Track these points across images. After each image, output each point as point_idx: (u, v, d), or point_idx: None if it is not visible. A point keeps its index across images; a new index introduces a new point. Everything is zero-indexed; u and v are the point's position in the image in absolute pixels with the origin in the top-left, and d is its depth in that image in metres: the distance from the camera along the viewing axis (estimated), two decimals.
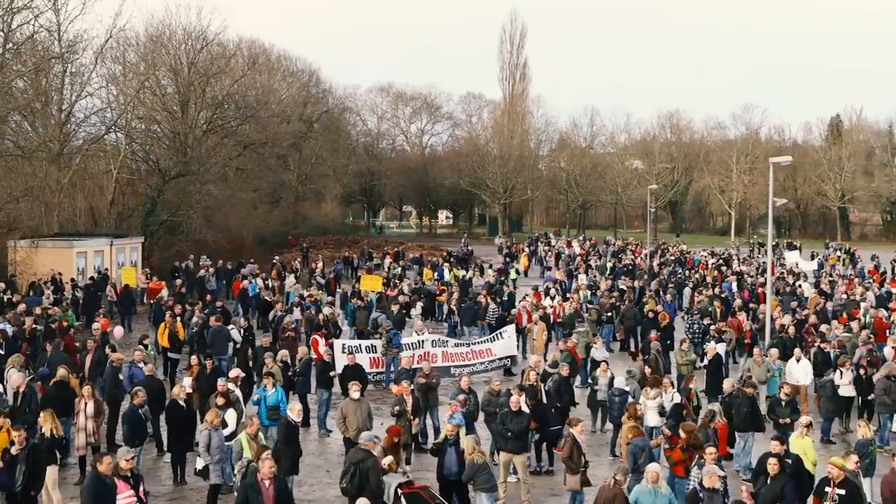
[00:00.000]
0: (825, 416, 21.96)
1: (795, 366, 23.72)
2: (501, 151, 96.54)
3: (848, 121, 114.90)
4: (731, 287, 41.69)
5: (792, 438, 16.97)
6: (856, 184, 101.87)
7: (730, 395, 19.69)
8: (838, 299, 37.19)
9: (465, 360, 27.64)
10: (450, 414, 17.61)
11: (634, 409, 17.80)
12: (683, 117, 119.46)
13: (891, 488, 14.18)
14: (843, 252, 67.57)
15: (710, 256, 61.82)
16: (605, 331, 32.85)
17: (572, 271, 49.80)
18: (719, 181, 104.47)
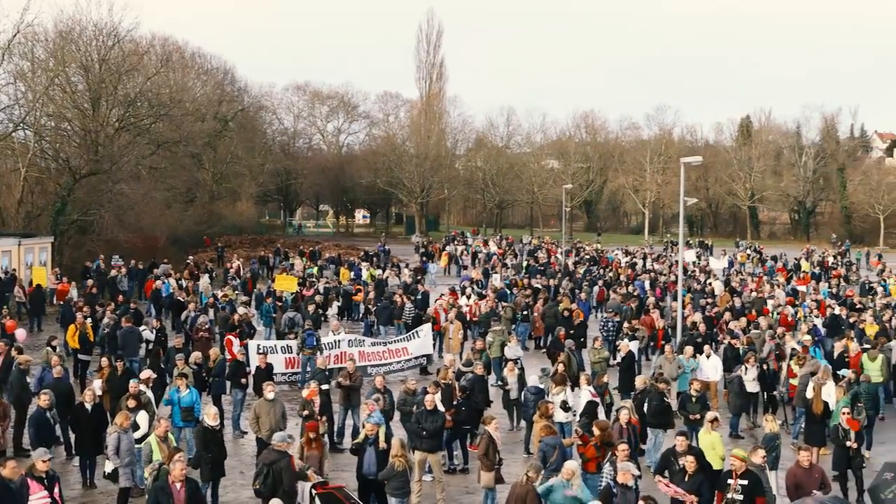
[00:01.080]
0: (733, 412, 22.41)
1: (705, 362, 24.17)
2: (418, 150, 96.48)
3: (757, 122, 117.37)
4: (643, 285, 42.28)
5: (700, 433, 17.32)
6: (765, 183, 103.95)
7: (642, 392, 20.00)
8: (747, 297, 37.95)
9: (381, 359, 27.71)
10: (368, 413, 17.60)
11: (546, 408, 17.97)
12: (598, 117, 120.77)
13: (794, 480, 14.55)
14: (753, 251, 68.92)
15: (624, 255, 62.59)
16: (521, 329, 33.11)
17: (488, 270, 50.08)
18: (633, 181, 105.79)
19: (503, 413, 22.46)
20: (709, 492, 14.27)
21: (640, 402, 19.48)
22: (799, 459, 14.76)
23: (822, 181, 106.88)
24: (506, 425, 21.94)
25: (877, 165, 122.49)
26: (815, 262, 57.30)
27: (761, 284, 42.73)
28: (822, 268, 54.85)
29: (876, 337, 27.21)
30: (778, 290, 40.43)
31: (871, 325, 29.42)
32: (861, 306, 35.77)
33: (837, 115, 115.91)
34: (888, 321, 30.95)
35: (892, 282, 46.05)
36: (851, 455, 17.16)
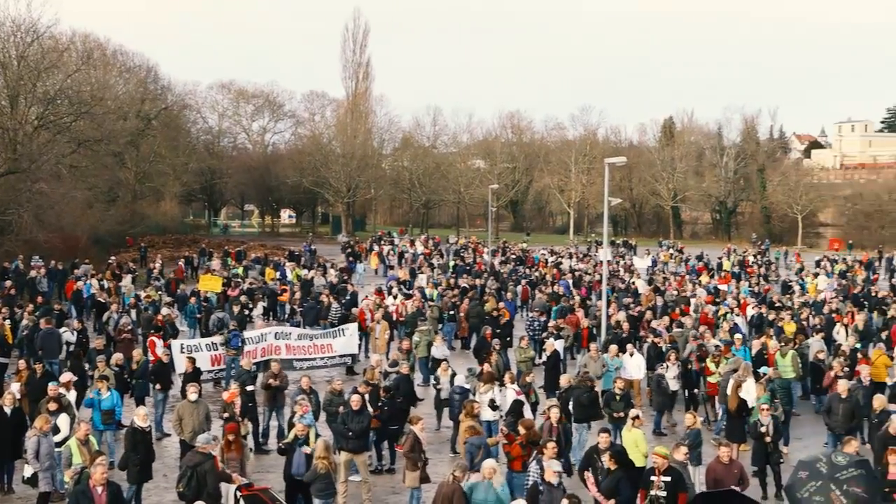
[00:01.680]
0: (656, 409, 22.72)
1: (629, 361, 24.48)
2: (345, 150, 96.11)
3: (680, 123, 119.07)
4: (568, 285, 42.62)
5: (624, 431, 17.55)
6: (687, 184, 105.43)
7: (566, 390, 20.17)
8: (670, 296, 38.48)
9: (307, 353, 27.64)
10: (300, 414, 17.54)
11: (471, 407, 18.05)
12: (524, 118, 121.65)
13: (714, 475, 14.81)
14: (675, 250, 69.89)
15: (550, 255, 62.99)
16: (447, 329, 33.21)
17: (415, 270, 50.12)
18: (559, 181, 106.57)
19: (432, 413, 22.50)
20: (631, 489, 14.46)
21: (565, 400, 19.65)
22: (719, 455, 15.03)
23: (743, 182, 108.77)
24: (433, 425, 21.99)
25: (795, 166, 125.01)
26: (735, 262, 58.25)
27: (683, 283, 43.35)
28: (743, 267, 55.78)
29: (794, 335, 27.80)
30: (699, 289, 41.04)
31: (790, 324, 30.01)
32: (780, 305, 36.47)
33: (757, 117, 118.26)
34: (805, 319, 31.60)
35: (809, 280, 47.02)
36: (770, 451, 17.50)
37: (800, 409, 24.38)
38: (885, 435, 16.32)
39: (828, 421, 19.81)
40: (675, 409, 23.65)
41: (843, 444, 15.66)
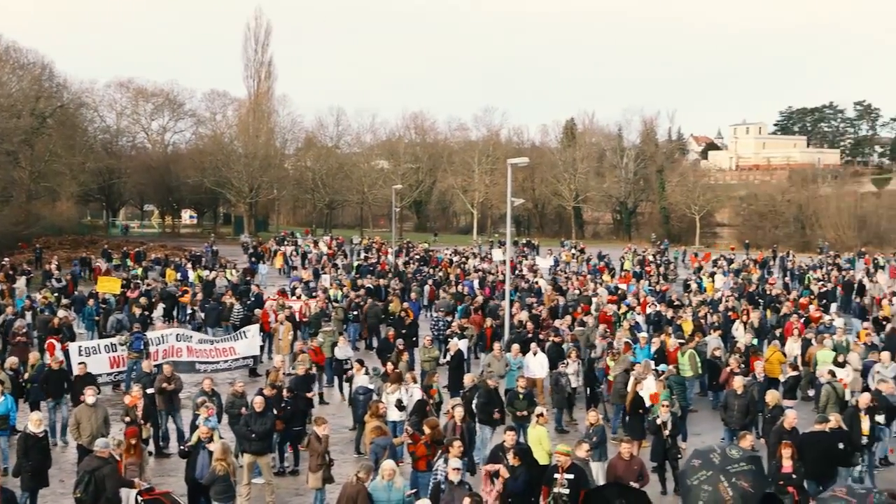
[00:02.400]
0: (555, 407, 22.96)
1: (532, 359, 24.68)
2: (247, 150, 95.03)
3: (581, 124, 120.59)
4: (472, 285, 42.84)
5: (528, 429, 17.71)
6: (588, 184, 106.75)
7: (470, 390, 20.28)
8: (572, 295, 38.92)
9: (209, 356, 27.20)
10: (205, 417, 17.32)
11: (376, 407, 18.04)
12: (427, 118, 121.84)
13: (615, 472, 15.05)
14: (577, 250, 70.70)
15: (454, 255, 63.17)
16: (351, 329, 33.13)
17: (318, 271, 49.87)
18: (462, 181, 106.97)
19: (337, 413, 22.43)
20: (527, 484, 14.61)
21: (469, 399, 19.75)
22: (620, 451, 15.27)
23: (643, 182, 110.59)
24: (338, 424, 21.93)
25: (693, 167, 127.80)
26: (635, 262, 59.15)
27: (585, 283, 43.89)
28: (643, 266, 56.66)
29: (692, 333, 28.38)
30: (601, 288, 41.60)
31: (688, 322, 30.60)
32: (680, 303, 37.16)
33: (656, 119, 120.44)
34: (703, 317, 32.26)
35: (706, 279, 47.98)
36: (668, 446, 17.84)
37: (697, 405, 24.91)
38: (780, 429, 16.75)
39: (724, 416, 20.28)
40: (576, 407, 24.00)
41: (738, 439, 16.04)
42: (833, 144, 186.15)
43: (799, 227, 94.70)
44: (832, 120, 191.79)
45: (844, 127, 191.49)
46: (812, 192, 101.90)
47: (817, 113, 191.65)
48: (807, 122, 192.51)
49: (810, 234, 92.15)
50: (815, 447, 16.19)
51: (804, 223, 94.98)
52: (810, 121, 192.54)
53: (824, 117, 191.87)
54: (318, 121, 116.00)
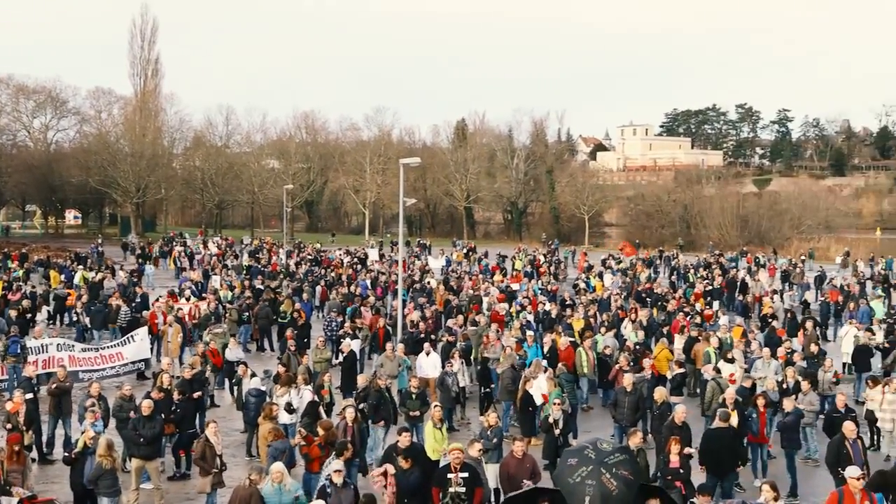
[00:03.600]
0: (445, 406, 23.01)
1: (425, 359, 24.72)
2: (133, 149, 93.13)
3: (472, 125, 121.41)
4: (365, 284, 42.74)
5: (423, 428, 17.77)
6: (480, 185, 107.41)
7: (364, 390, 20.22)
8: (465, 295, 39.10)
9: (94, 364, 26.51)
10: (91, 422, 16.89)
11: (270, 409, 17.88)
12: (318, 118, 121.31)
13: (507, 470, 15.16)
14: (469, 250, 71.05)
15: (346, 255, 62.91)
16: (243, 331, 32.75)
17: (208, 272, 49.17)
18: (354, 181, 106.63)
19: (227, 417, 22.14)
20: (419, 483, 14.66)
21: (363, 400, 19.69)
22: (513, 450, 15.39)
23: (533, 183, 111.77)
24: (231, 428, 21.66)
25: (582, 168, 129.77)
26: (526, 261, 59.69)
27: (477, 282, 44.13)
28: (534, 266, 57.23)
29: (582, 331, 28.78)
30: (492, 288, 41.86)
31: (578, 321, 31.01)
32: (571, 302, 37.63)
33: (546, 120, 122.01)
34: (592, 316, 32.73)
35: (594, 279, 48.69)
36: (560, 444, 18.04)
37: (588, 402, 25.24)
38: (671, 425, 17.10)
39: (614, 413, 20.61)
40: (469, 406, 24.14)
41: (628, 435, 16.32)
42: (716, 146, 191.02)
43: (684, 227, 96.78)
44: (715, 122, 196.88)
45: (727, 129, 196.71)
46: (697, 192, 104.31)
47: (701, 115, 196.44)
48: (691, 124, 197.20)
49: (695, 233, 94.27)
50: (719, 443, 16.57)
51: (689, 222, 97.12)
52: (694, 122, 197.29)
53: (708, 119, 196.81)
54: (206, 119, 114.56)
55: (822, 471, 18.62)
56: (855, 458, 15.62)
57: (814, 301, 43.06)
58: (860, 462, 15.44)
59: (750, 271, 53.02)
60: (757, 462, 18.70)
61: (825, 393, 22.24)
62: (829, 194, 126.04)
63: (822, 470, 18.58)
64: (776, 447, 19.09)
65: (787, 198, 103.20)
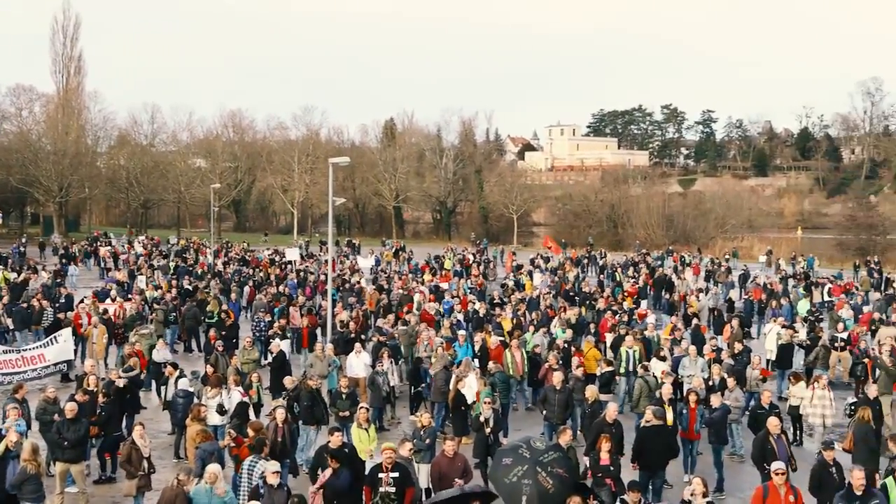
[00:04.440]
0: (373, 406, 22.94)
1: (355, 359, 24.61)
2: (56, 147, 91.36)
3: (401, 124, 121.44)
4: (294, 285, 42.46)
5: (352, 429, 17.69)
6: (409, 184, 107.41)
7: (292, 391, 20.06)
8: (395, 295, 39.04)
9: (15, 367, 25.86)
10: (14, 419, 16.55)
11: (198, 411, 17.68)
12: (246, 117, 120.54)
13: (439, 469, 15.16)
14: (399, 249, 70.96)
15: (275, 255, 62.44)
16: (169, 332, 32.33)
17: (134, 272, 48.46)
18: (282, 181, 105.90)
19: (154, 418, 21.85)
20: (348, 483, 14.62)
21: (292, 401, 19.54)
22: (444, 449, 15.39)
23: (462, 182, 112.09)
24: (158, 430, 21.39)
25: (510, 168, 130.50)
26: (456, 261, 59.78)
27: (407, 282, 44.08)
28: (463, 265, 57.34)
29: (511, 330, 28.90)
30: (422, 287, 41.86)
31: (507, 320, 31.14)
32: (500, 302, 37.78)
33: (474, 120, 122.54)
34: (522, 315, 32.88)
35: (524, 277, 48.91)
36: (491, 443, 18.08)
37: (518, 402, 25.34)
38: (602, 422, 17.24)
39: (544, 411, 20.71)
40: (399, 406, 24.11)
41: (558, 433, 16.42)
42: (642, 146, 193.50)
43: (612, 226, 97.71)
44: (641, 122, 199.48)
45: (652, 129, 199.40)
46: (623, 192, 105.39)
47: (627, 116, 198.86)
48: (618, 125, 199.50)
49: (622, 233, 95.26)
50: (655, 440, 16.73)
51: (616, 222, 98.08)
52: (621, 123, 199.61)
53: (634, 120, 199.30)
54: (131, 118, 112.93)
55: (748, 466, 18.92)
56: (779, 453, 15.88)
57: (738, 299, 43.75)
58: (784, 457, 15.71)
59: (676, 270, 53.69)
60: (687, 458, 18.93)
61: (751, 390, 22.60)
62: (751, 194, 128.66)
63: (748, 465, 18.88)
64: (703, 443, 19.33)
65: (711, 198, 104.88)
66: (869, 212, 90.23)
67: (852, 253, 74.42)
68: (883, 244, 79.44)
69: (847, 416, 22.52)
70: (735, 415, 20.20)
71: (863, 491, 13.27)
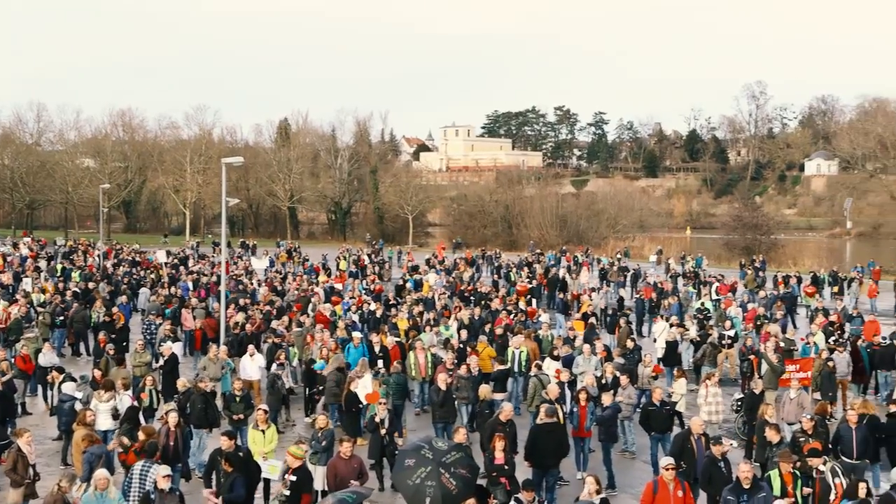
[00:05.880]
0: (271, 408, 22.72)
1: (249, 361, 24.34)
2: None
3: (295, 124, 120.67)
4: (187, 286, 41.82)
5: (249, 432, 17.54)
6: (303, 184, 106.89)
7: (184, 394, 19.78)
8: (290, 296, 38.75)
9: None
10: None
11: (84, 415, 17.30)
12: (136, 116, 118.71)
13: (335, 471, 15.09)
14: (293, 250, 70.47)
15: (167, 256, 61.39)
16: (57, 335, 31.55)
17: (20, 274, 47.15)
18: (174, 181, 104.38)
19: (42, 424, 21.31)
20: (240, 487, 14.50)
21: (183, 403, 19.25)
22: (340, 451, 15.33)
23: (357, 183, 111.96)
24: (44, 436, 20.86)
25: (405, 168, 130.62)
26: (351, 261, 59.62)
27: (301, 283, 43.78)
28: (358, 266, 57.19)
29: (407, 331, 28.93)
30: (317, 288, 41.61)
31: (403, 321, 31.14)
32: (396, 302, 37.80)
33: (369, 120, 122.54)
34: (418, 316, 32.90)
35: (424, 277, 48.97)
36: (386, 443, 18.06)
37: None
38: (496, 421, 17.35)
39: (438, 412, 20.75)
40: (294, 408, 23.93)
41: (453, 433, 16.48)
42: (536, 147, 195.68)
43: (506, 227, 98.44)
44: (535, 124, 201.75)
45: (546, 130, 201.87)
46: (517, 192, 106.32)
47: (521, 117, 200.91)
48: (512, 126, 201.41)
49: (517, 233, 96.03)
50: (549, 437, 16.86)
51: (511, 222, 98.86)
52: (515, 124, 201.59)
53: (528, 121, 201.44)
54: (16, 116, 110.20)
55: (639, 462, 19.30)
56: (698, 452, 16.08)
57: (629, 298, 44.48)
58: (702, 457, 15.92)
59: (569, 270, 54.33)
60: (579, 455, 19.16)
61: (644, 387, 22.99)
62: (642, 195, 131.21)
63: (639, 461, 19.27)
64: (594, 440, 19.58)
65: (603, 198, 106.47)
66: (754, 212, 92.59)
67: (739, 252, 76.34)
68: (767, 244, 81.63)
69: (734, 411, 23.13)
70: (626, 412, 20.52)
71: (750, 484, 13.60)
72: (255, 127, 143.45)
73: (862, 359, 25.96)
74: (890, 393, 23.97)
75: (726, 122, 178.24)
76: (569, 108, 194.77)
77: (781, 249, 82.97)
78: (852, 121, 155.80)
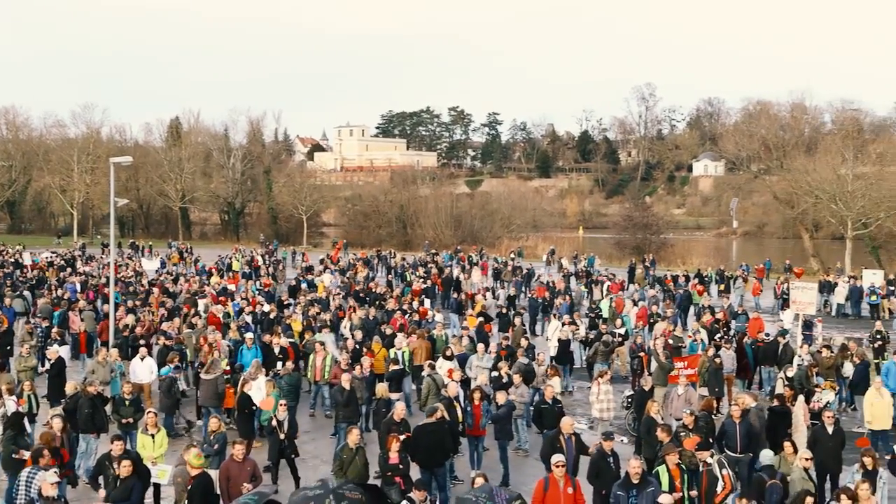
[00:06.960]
0: (164, 411, 22.38)
1: (139, 364, 23.91)
2: None
3: (187, 123, 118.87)
4: (74, 288, 40.90)
5: (139, 435, 17.27)
6: (195, 184, 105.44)
7: (72, 398, 19.33)
8: (181, 298, 38.20)
9: None
10: None
11: None
12: (20, 114, 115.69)
13: (227, 474, 14.91)
14: (185, 251, 69.42)
15: (54, 257, 59.95)
16: None
17: None
18: (60, 180, 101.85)
19: None
20: (139, 493, 14.29)
21: (72, 407, 18.82)
22: (233, 453, 15.16)
23: (250, 183, 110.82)
24: None
25: (299, 168, 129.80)
26: (244, 262, 59.05)
27: (193, 284, 43.21)
28: (252, 267, 56.68)
29: (302, 332, 28.90)
30: (209, 289, 41.09)
31: (297, 321, 30.99)
32: (290, 303, 37.62)
33: (263, 120, 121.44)
34: (313, 317, 32.71)
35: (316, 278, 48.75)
36: (284, 445, 17.93)
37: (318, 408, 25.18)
38: (390, 421, 17.39)
39: (332, 413, 20.70)
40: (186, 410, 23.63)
41: (347, 432, 16.46)
42: (430, 147, 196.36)
43: (401, 227, 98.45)
44: (429, 124, 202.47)
45: (440, 131, 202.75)
46: (412, 192, 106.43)
47: (416, 117, 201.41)
48: (406, 126, 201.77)
49: (411, 233, 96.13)
50: (431, 437, 16.92)
51: (406, 223, 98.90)
52: (409, 124, 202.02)
53: (422, 121, 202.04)
54: None
55: (532, 460, 19.53)
56: (567, 451, 16.34)
57: (522, 297, 44.91)
58: (571, 454, 16.20)
59: (464, 269, 54.59)
60: (473, 454, 19.30)
61: (538, 386, 23.24)
62: (536, 195, 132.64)
63: (532, 459, 19.49)
64: (489, 439, 19.74)
65: (497, 198, 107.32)
66: (644, 212, 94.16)
67: (629, 251, 77.66)
68: (657, 243, 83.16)
69: (624, 408, 23.57)
70: (520, 410, 20.73)
71: (639, 479, 13.89)
72: (146, 126, 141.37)
73: (746, 355, 26.73)
74: (772, 388, 24.75)
75: (617, 124, 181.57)
76: (463, 109, 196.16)
77: (671, 249, 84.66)
78: (737, 123, 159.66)
